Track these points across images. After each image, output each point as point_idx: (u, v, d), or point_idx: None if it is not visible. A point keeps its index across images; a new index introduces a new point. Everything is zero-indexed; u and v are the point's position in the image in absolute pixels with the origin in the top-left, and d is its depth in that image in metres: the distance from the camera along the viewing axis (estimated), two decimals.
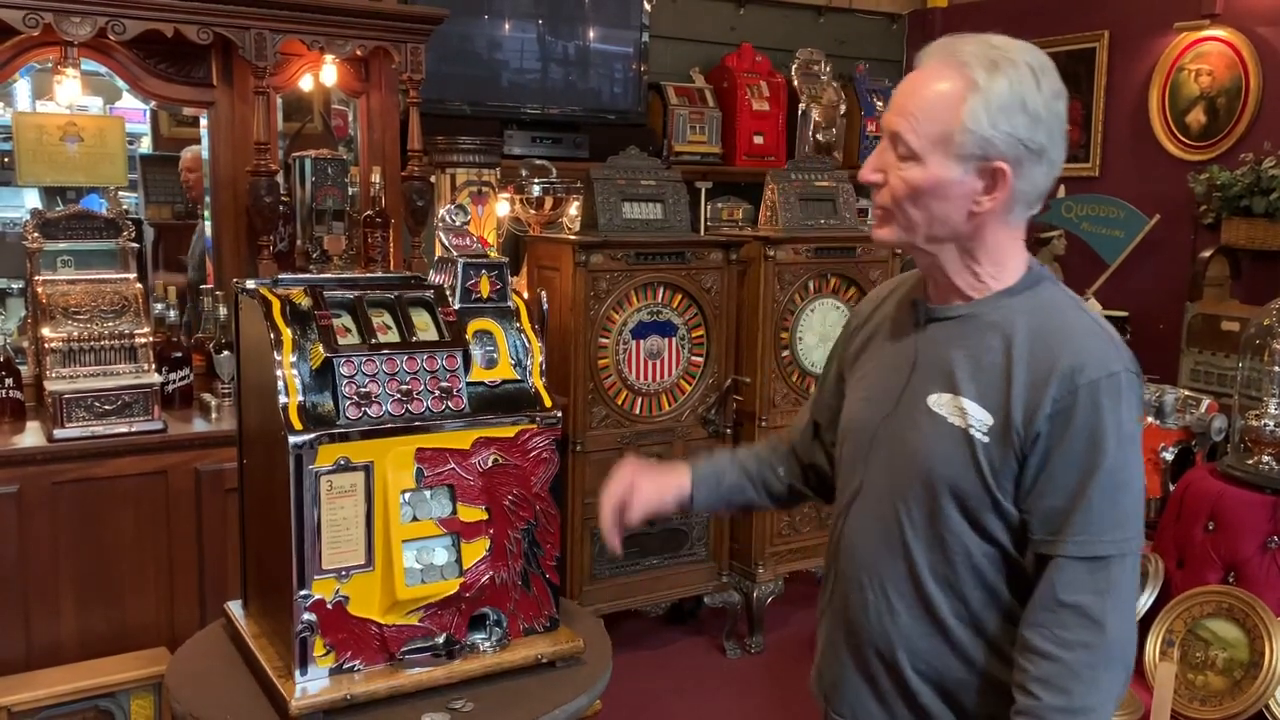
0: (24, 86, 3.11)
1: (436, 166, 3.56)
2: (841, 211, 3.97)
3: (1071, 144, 4.86)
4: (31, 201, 3.17)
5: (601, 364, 3.46)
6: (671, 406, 3.63)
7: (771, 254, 3.69)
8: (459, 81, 4.16)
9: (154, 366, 2.83)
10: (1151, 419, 3.53)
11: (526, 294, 3.53)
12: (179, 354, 3.02)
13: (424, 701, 1.66)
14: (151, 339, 2.85)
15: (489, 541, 1.74)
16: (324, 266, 3.14)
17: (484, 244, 1.96)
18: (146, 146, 3.47)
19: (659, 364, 3.58)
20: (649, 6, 4.64)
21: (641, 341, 3.53)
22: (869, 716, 1.48)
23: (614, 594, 3.56)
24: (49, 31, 2.71)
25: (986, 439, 1.34)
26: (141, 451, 2.71)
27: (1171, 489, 3.18)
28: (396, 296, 1.79)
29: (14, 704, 2.44)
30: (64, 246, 2.85)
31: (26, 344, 2.96)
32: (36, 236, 2.83)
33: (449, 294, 1.83)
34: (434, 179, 3.51)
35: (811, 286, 3.84)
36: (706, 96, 4.91)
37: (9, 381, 2.81)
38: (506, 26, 4.32)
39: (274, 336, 1.64)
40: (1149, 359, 3.49)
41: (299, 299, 1.69)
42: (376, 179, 3.28)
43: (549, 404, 1.82)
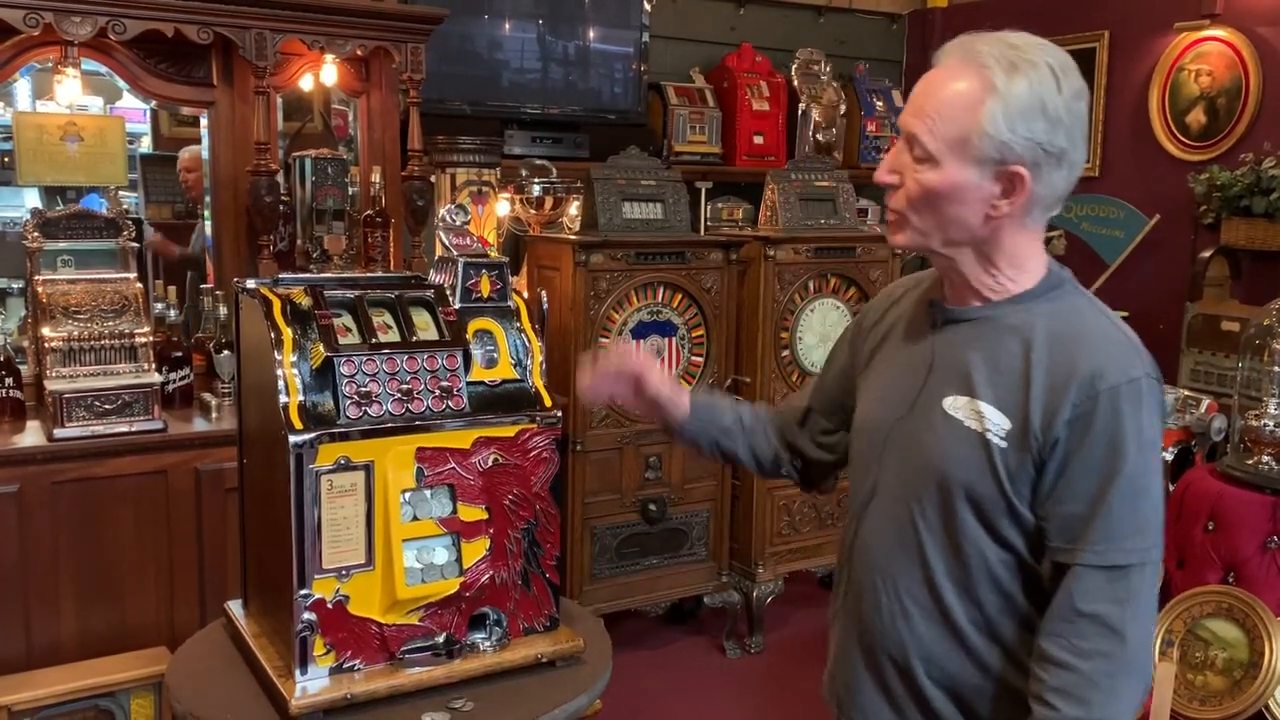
0: (24, 86, 3.11)
1: (437, 166, 3.56)
2: (841, 211, 3.97)
3: None
4: (32, 201, 3.17)
5: None
6: None
7: (771, 254, 3.69)
8: (459, 81, 4.16)
9: (154, 366, 2.83)
10: None
11: (526, 294, 3.53)
12: (179, 353, 3.02)
13: (424, 701, 1.66)
14: (152, 338, 2.85)
15: (489, 541, 1.74)
16: (324, 266, 3.14)
17: (484, 244, 1.96)
18: (147, 146, 3.47)
19: (659, 364, 3.57)
20: (649, 6, 4.63)
21: (641, 341, 3.53)
22: None
23: (614, 594, 3.56)
24: (49, 31, 2.71)
25: (1004, 444, 1.32)
26: (142, 451, 2.71)
27: (1171, 489, 3.18)
28: (397, 296, 1.79)
29: (14, 703, 2.44)
30: (64, 246, 2.85)
31: (27, 343, 2.96)
32: (37, 236, 2.83)
33: (449, 294, 1.83)
34: (434, 179, 3.51)
35: (811, 286, 3.84)
36: (706, 96, 4.91)
37: (9, 381, 2.81)
38: (507, 26, 4.32)
39: (274, 336, 1.64)
40: None
41: (299, 298, 1.69)
42: (377, 179, 3.28)
43: (549, 404, 1.83)
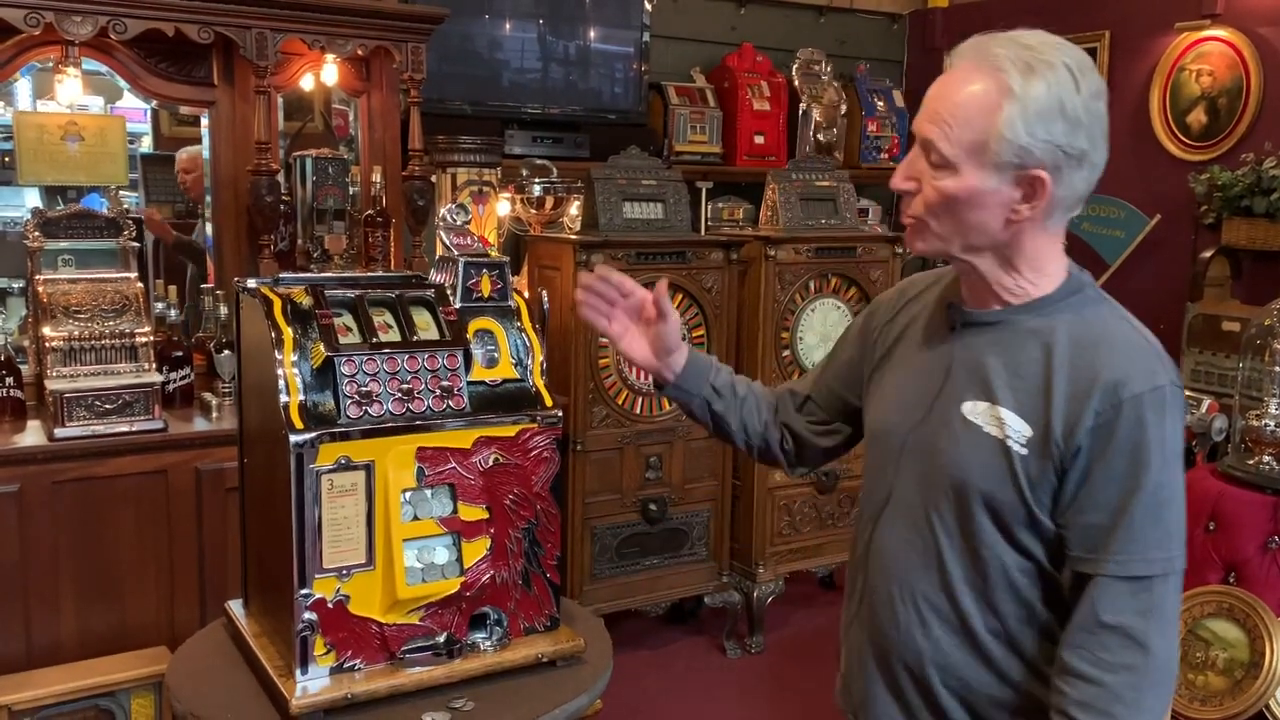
0: (25, 86, 3.11)
1: (437, 166, 3.56)
2: (842, 211, 3.97)
3: None
4: (32, 201, 3.17)
5: (602, 363, 3.46)
6: (672, 406, 3.62)
7: (772, 254, 3.69)
8: (460, 81, 4.16)
9: (155, 366, 2.83)
10: None
11: (527, 294, 3.53)
12: (179, 353, 3.02)
13: (425, 700, 1.66)
14: (152, 338, 2.85)
15: (490, 541, 1.74)
16: (325, 266, 3.14)
17: (485, 243, 1.96)
18: (147, 146, 3.47)
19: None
20: (650, 6, 4.63)
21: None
22: None
23: (614, 593, 3.56)
24: (50, 31, 2.71)
25: (1025, 451, 1.30)
26: (142, 451, 2.71)
27: None
28: (397, 296, 1.78)
29: (14, 703, 2.44)
30: (65, 245, 2.85)
31: (27, 343, 2.96)
32: (37, 235, 2.83)
33: (450, 293, 1.83)
34: (435, 178, 3.51)
35: (812, 286, 3.84)
36: (707, 96, 4.91)
37: (10, 380, 2.81)
38: (507, 26, 4.32)
39: (275, 335, 1.64)
40: None
41: (300, 298, 1.69)
42: (377, 178, 3.28)
43: (550, 403, 1.82)
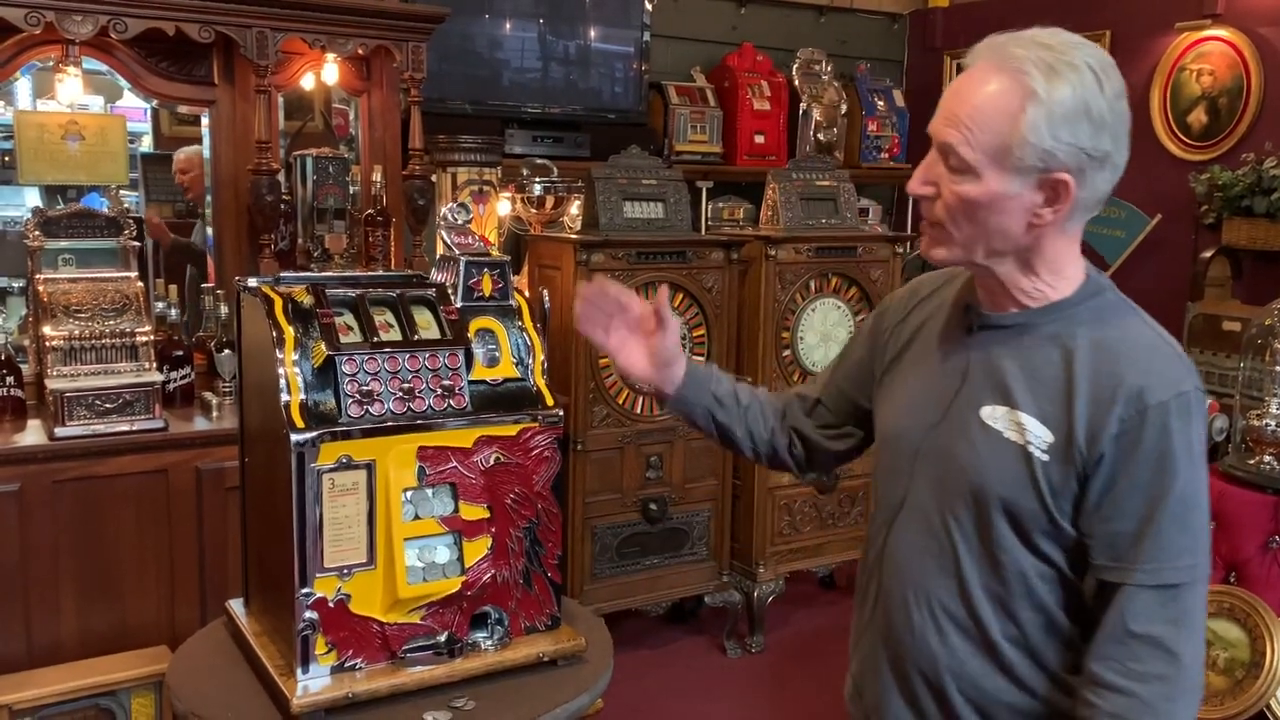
0: (25, 85, 3.11)
1: (438, 165, 3.56)
2: (843, 211, 3.97)
3: None
4: (33, 200, 3.17)
5: (603, 363, 3.46)
6: None
7: (773, 253, 3.69)
8: (460, 80, 4.16)
9: (155, 365, 2.83)
10: None
11: (528, 293, 3.53)
12: (180, 352, 3.02)
13: (425, 700, 1.66)
14: (153, 337, 2.85)
15: (491, 540, 1.74)
16: (325, 265, 3.14)
17: (485, 243, 1.96)
18: (148, 145, 3.47)
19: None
20: (650, 6, 4.63)
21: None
22: None
23: (615, 593, 3.56)
24: (50, 30, 2.71)
25: (1046, 457, 1.28)
26: (142, 450, 2.70)
27: None
28: (398, 295, 1.78)
29: (14, 702, 2.44)
30: (65, 245, 2.85)
31: (28, 342, 2.96)
32: (38, 235, 2.83)
33: (451, 292, 1.83)
34: (435, 178, 3.51)
35: (813, 286, 3.84)
36: (707, 96, 4.91)
37: (10, 380, 2.81)
38: (507, 26, 4.32)
39: (276, 335, 1.64)
40: None
41: (301, 297, 1.69)
42: (378, 178, 3.28)
43: (551, 402, 1.82)
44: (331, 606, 1.62)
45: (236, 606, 1.93)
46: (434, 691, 1.67)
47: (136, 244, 2.95)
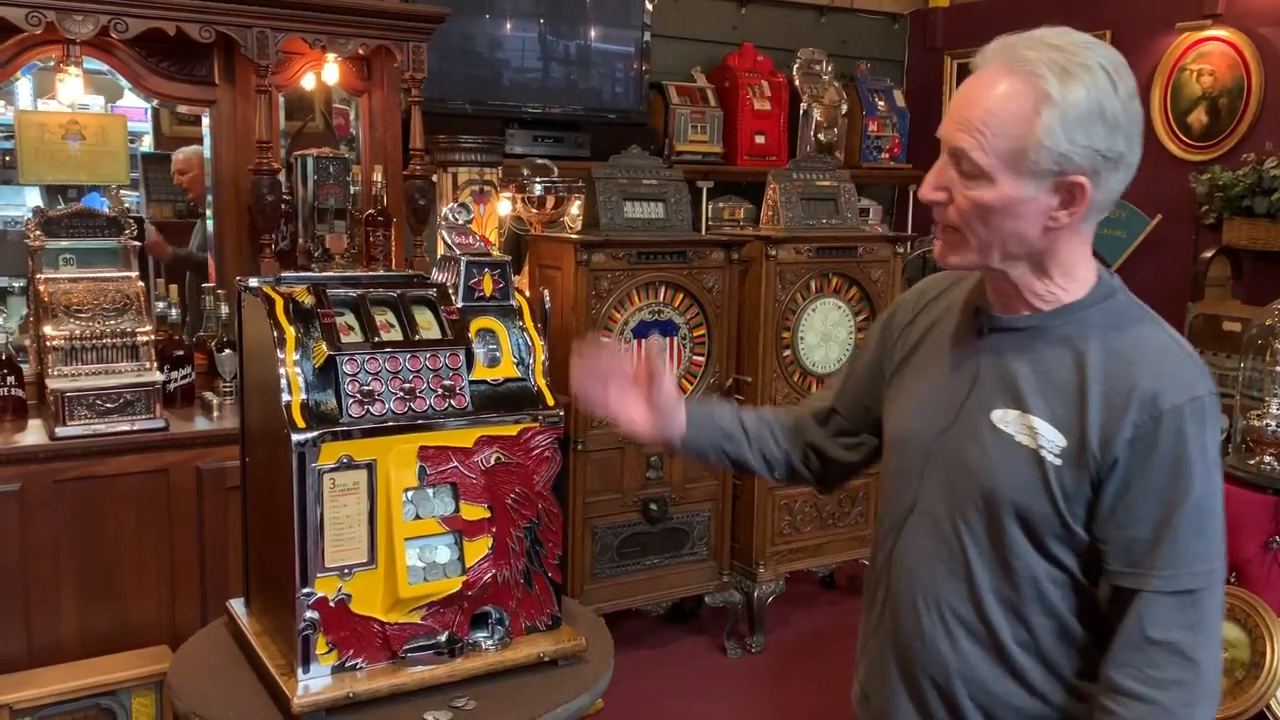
0: (26, 85, 3.11)
1: (438, 165, 3.56)
2: (843, 211, 3.97)
3: None
4: (33, 200, 3.17)
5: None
6: None
7: (773, 253, 3.69)
8: (461, 80, 4.16)
9: (156, 365, 2.83)
10: None
11: (528, 293, 3.54)
12: (181, 352, 3.02)
13: (426, 700, 1.66)
14: (153, 337, 2.85)
15: (491, 540, 1.74)
16: (326, 265, 3.14)
17: (486, 243, 1.96)
18: (148, 145, 3.47)
19: (667, 366, 3.57)
20: (650, 6, 4.64)
21: (643, 341, 3.53)
22: None
23: (615, 593, 3.56)
24: (51, 30, 2.71)
25: (1059, 461, 1.27)
26: (143, 450, 2.70)
27: None
28: (399, 295, 1.79)
29: (15, 702, 2.44)
30: (66, 245, 2.85)
31: (28, 342, 2.96)
32: (38, 235, 2.83)
33: (452, 292, 1.83)
34: (436, 178, 3.51)
35: (813, 286, 3.84)
36: (708, 96, 4.91)
37: (11, 379, 2.81)
38: (508, 26, 4.32)
39: (277, 335, 1.64)
40: None
41: (302, 297, 1.69)
42: (378, 178, 3.28)
43: (551, 402, 1.82)
44: (332, 606, 1.62)
45: (237, 606, 1.93)
46: (435, 691, 1.68)
47: (137, 244, 2.95)
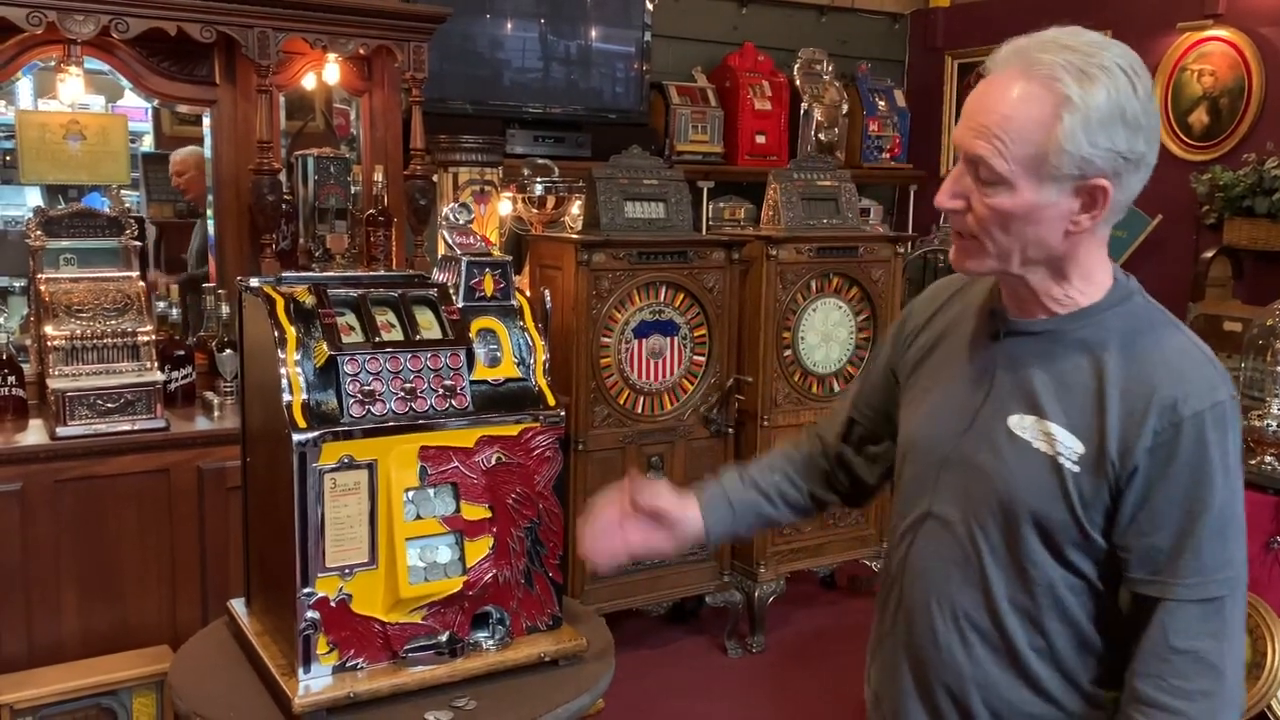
0: (26, 85, 3.11)
1: (439, 165, 3.56)
2: (844, 211, 3.97)
3: None
4: (34, 199, 3.17)
5: (604, 363, 3.46)
6: (673, 406, 3.63)
7: (774, 253, 3.69)
8: (461, 80, 4.16)
9: (156, 365, 2.83)
10: None
11: (529, 293, 3.54)
12: (181, 352, 3.03)
13: (427, 700, 1.66)
14: (154, 337, 2.85)
15: (492, 540, 1.74)
16: (326, 265, 3.14)
17: (487, 243, 1.96)
18: (149, 145, 3.47)
19: (661, 363, 3.58)
20: (651, 6, 4.64)
21: (644, 340, 3.53)
22: None
23: (615, 593, 3.56)
24: (52, 30, 2.71)
25: (1077, 468, 1.25)
26: (144, 449, 2.71)
27: None
28: (400, 295, 1.79)
29: (15, 701, 2.44)
30: (66, 244, 2.85)
31: (29, 342, 2.96)
32: (39, 234, 2.83)
33: (453, 292, 1.83)
34: (436, 178, 3.51)
35: (814, 286, 3.84)
36: (709, 96, 4.91)
37: (12, 379, 2.81)
38: (509, 26, 4.32)
39: (278, 335, 1.64)
40: None
41: (303, 297, 1.69)
42: (379, 178, 3.28)
43: (552, 402, 1.82)
44: (333, 606, 1.62)
45: (238, 606, 1.93)
46: (435, 691, 1.68)
47: (138, 244, 2.95)
